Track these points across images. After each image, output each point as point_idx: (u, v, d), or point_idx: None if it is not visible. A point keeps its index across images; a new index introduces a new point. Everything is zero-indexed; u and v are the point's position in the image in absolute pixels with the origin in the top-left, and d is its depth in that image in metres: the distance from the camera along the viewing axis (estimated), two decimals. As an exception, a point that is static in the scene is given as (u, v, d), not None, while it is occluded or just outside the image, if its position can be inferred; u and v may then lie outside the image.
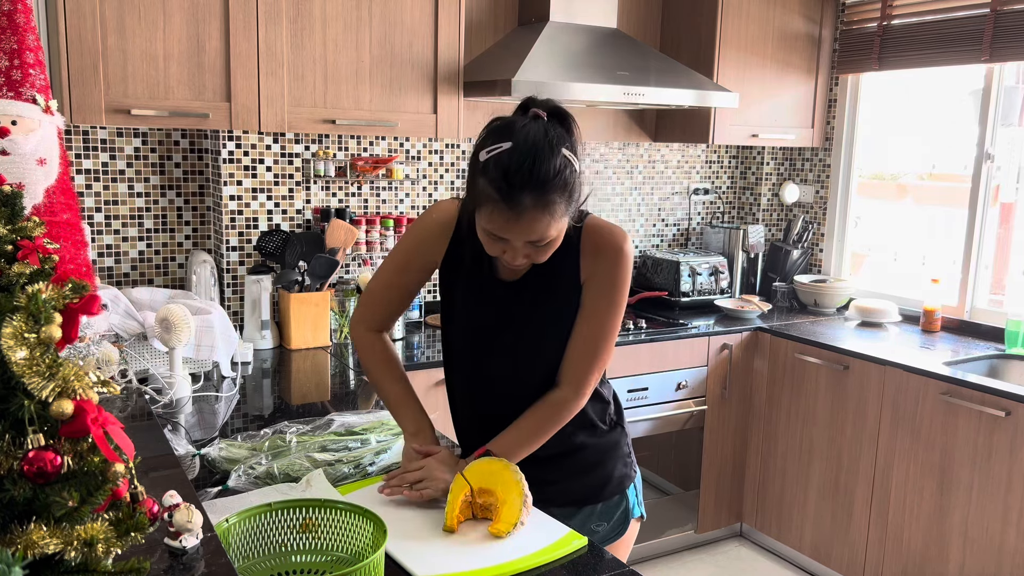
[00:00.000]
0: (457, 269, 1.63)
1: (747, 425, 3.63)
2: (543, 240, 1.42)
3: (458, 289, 1.64)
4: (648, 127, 3.85)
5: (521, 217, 1.37)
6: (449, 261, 1.63)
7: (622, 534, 1.73)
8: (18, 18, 1.80)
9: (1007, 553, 2.72)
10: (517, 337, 1.61)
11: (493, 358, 1.64)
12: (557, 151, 1.37)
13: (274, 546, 1.32)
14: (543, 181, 1.35)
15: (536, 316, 1.59)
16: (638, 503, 1.76)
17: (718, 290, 3.82)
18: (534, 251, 1.45)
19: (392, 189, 3.29)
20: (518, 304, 1.59)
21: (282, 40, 2.65)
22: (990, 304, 3.44)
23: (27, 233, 0.89)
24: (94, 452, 0.77)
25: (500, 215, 1.38)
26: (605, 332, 1.58)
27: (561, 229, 1.44)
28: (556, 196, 1.37)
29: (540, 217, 1.38)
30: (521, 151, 1.35)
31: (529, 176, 1.34)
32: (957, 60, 3.34)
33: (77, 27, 2.36)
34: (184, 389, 2.27)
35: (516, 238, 1.41)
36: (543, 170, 1.35)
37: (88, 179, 2.82)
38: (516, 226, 1.39)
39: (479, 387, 1.69)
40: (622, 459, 1.74)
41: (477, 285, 1.61)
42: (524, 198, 1.35)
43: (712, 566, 3.53)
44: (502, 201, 1.36)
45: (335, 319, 2.98)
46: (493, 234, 1.42)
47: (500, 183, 1.36)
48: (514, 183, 1.35)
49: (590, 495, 1.69)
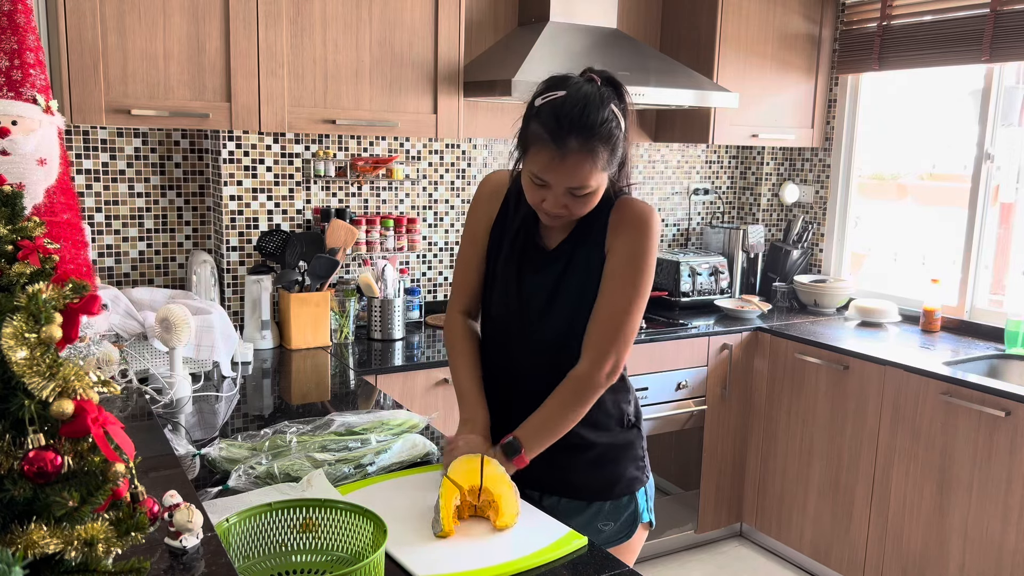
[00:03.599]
0: (502, 232, 1.69)
1: (747, 425, 3.63)
2: (583, 188, 1.49)
3: (501, 251, 1.69)
4: (648, 127, 3.86)
5: (566, 159, 1.46)
6: (497, 223, 1.71)
7: (629, 536, 1.72)
8: (18, 18, 1.80)
9: (1007, 553, 2.72)
10: (547, 302, 1.63)
11: (524, 327, 1.66)
12: (606, 105, 1.48)
13: (274, 546, 1.32)
14: (590, 127, 1.45)
15: (568, 283, 1.62)
16: (648, 508, 1.76)
17: (718, 290, 3.82)
18: (572, 201, 1.51)
19: (392, 189, 3.29)
20: (553, 267, 1.63)
21: (282, 40, 2.65)
22: (990, 304, 3.44)
23: (27, 233, 0.89)
24: (94, 452, 0.77)
25: (547, 154, 1.47)
26: (625, 304, 1.57)
27: (601, 183, 1.51)
28: (600, 145, 1.46)
29: (583, 162, 1.46)
30: (574, 99, 1.47)
31: (578, 120, 1.45)
32: (957, 60, 3.34)
33: (77, 27, 2.36)
34: (184, 389, 2.27)
35: (558, 182, 1.49)
36: (591, 117, 1.45)
37: (88, 179, 2.82)
38: (560, 167, 1.47)
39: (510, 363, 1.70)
40: (635, 461, 1.73)
41: (519, 248, 1.67)
42: (571, 140, 1.45)
43: (712, 566, 3.53)
44: (551, 141, 1.46)
45: (335, 319, 2.98)
46: (537, 178, 1.50)
47: (551, 124, 1.46)
48: (563, 124, 1.45)
49: (600, 491, 1.69)
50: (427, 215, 3.39)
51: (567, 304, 1.63)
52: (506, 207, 1.70)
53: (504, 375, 1.73)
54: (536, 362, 1.68)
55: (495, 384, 1.73)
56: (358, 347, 2.97)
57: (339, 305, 3.00)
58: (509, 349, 1.71)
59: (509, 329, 1.70)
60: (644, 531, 1.76)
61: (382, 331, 3.06)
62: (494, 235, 1.71)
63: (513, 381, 1.71)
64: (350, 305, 3.01)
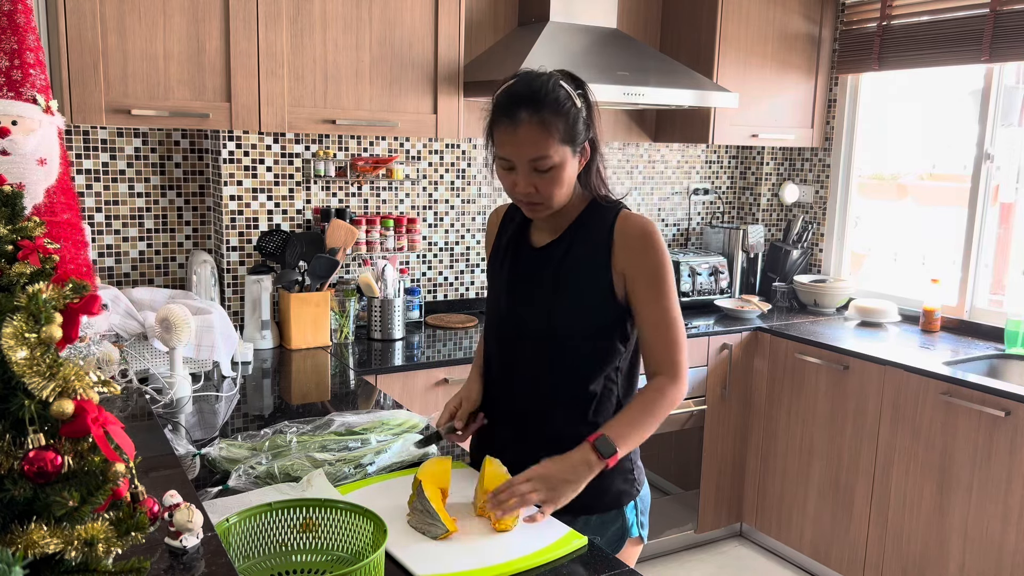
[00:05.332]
0: (499, 242, 1.80)
1: (747, 425, 3.63)
2: (543, 160, 1.54)
3: (496, 260, 1.80)
4: (648, 127, 3.86)
5: (518, 130, 1.53)
6: (498, 239, 1.81)
7: (616, 552, 1.68)
8: (18, 18, 1.80)
9: (1007, 553, 2.72)
10: (540, 298, 1.67)
11: (515, 325, 1.71)
12: (555, 82, 1.56)
13: (274, 546, 1.32)
14: (535, 96, 1.53)
15: (558, 281, 1.66)
16: (638, 523, 1.72)
17: (718, 290, 3.82)
18: (539, 180, 1.56)
19: (392, 189, 3.29)
20: (540, 264, 1.68)
21: (282, 40, 2.65)
22: (990, 304, 3.44)
23: (27, 233, 0.89)
24: (94, 452, 0.77)
25: (503, 133, 1.55)
26: (668, 314, 1.63)
27: (564, 159, 1.56)
28: (549, 114, 1.52)
29: (535, 131, 1.52)
30: (524, 79, 1.58)
31: (526, 93, 1.54)
32: (957, 60, 3.34)
33: (77, 27, 2.36)
34: (184, 389, 2.27)
35: (518, 156, 1.55)
36: (537, 88, 1.54)
37: (88, 179, 2.82)
38: (514, 139, 1.54)
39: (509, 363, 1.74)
40: (623, 474, 1.69)
41: (512, 248, 1.75)
42: (520, 112, 1.52)
43: (712, 566, 3.53)
44: (504, 116, 1.54)
45: (335, 319, 2.98)
46: (502, 159, 1.58)
47: (503, 102, 1.56)
48: (512, 99, 1.54)
49: (586, 506, 1.62)
50: (427, 215, 3.39)
51: (561, 301, 1.65)
52: (504, 224, 1.81)
53: (498, 364, 1.78)
54: (523, 352, 1.71)
55: (490, 371, 1.80)
56: (358, 347, 2.97)
57: (339, 305, 3.00)
58: (500, 339, 1.77)
59: (500, 321, 1.77)
60: (635, 546, 1.72)
61: (382, 331, 3.06)
62: (492, 254, 1.83)
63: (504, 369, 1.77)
64: (350, 305, 3.01)
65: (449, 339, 3.09)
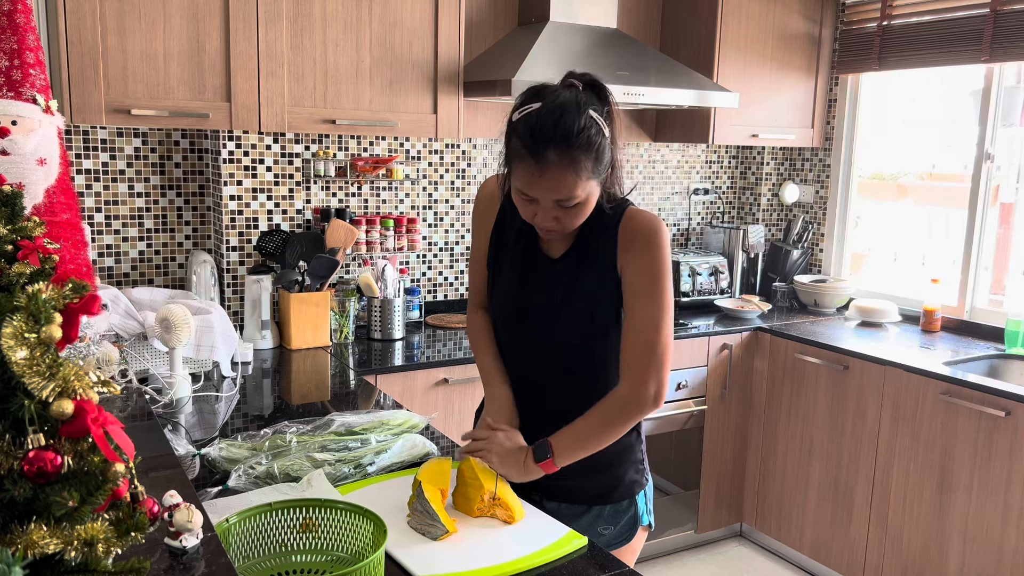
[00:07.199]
0: (500, 241, 1.70)
1: (747, 425, 3.63)
2: (569, 199, 1.46)
3: (502, 259, 1.70)
4: (648, 127, 3.86)
5: (545, 172, 1.43)
6: (495, 231, 1.71)
7: (629, 540, 1.72)
8: (18, 18, 1.80)
9: (1007, 553, 2.72)
10: (553, 311, 1.63)
11: (529, 336, 1.67)
12: (584, 111, 1.43)
13: (274, 546, 1.32)
14: (566, 136, 1.41)
15: (572, 293, 1.61)
16: (647, 511, 1.76)
17: (718, 290, 3.82)
18: (563, 213, 1.49)
19: (392, 189, 3.29)
20: (555, 276, 1.63)
21: (282, 40, 2.65)
22: (990, 304, 3.44)
23: (27, 233, 0.89)
24: (94, 452, 0.77)
25: (527, 170, 1.45)
26: (653, 319, 1.56)
27: (590, 192, 1.48)
28: (580, 154, 1.42)
29: (564, 174, 1.43)
30: (549, 110, 1.43)
31: (553, 132, 1.41)
32: (957, 60, 3.34)
33: (77, 27, 2.36)
34: (184, 389, 2.27)
35: (543, 195, 1.46)
36: (568, 127, 1.41)
37: (88, 179, 2.82)
38: (541, 181, 1.44)
39: (520, 370, 1.72)
40: (634, 464, 1.73)
41: (519, 256, 1.67)
42: (549, 153, 1.41)
43: (712, 566, 3.53)
44: (529, 156, 1.43)
45: (335, 319, 2.98)
46: (524, 193, 1.48)
47: (527, 139, 1.43)
48: (539, 138, 1.42)
49: (600, 495, 1.69)
50: (427, 215, 3.39)
51: (576, 313, 1.62)
52: (502, 216, 1.71)
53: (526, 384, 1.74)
54: (535, 367, 1.69)
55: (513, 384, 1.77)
56: (358, 347, 2.97)
57: (339, 305, 3.00)
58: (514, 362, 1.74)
59: (507, 335, 1.73)
60: (644, 533, 1.76)
61: (382, 331, 3.06)
62: (494, 240, 1.73)
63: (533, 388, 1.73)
64: (350, 305, 3.01)
65: (449, 339, 3.09)
